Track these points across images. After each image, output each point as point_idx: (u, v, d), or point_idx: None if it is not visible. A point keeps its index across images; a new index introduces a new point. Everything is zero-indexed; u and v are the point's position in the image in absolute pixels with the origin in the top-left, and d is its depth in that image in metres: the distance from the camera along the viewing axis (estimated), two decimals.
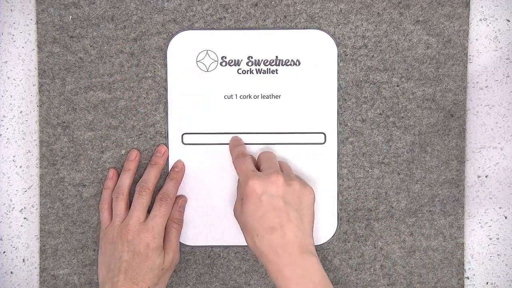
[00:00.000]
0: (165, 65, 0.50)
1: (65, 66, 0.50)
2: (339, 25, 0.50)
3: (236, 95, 0.48)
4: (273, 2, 0.50)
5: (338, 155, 0.50)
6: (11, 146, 0.52)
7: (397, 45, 0.50)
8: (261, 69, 0.47)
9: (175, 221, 0.49)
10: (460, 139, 0.51)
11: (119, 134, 0.51)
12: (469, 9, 0.50)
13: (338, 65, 0.48)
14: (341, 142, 0.51)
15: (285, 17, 0.50)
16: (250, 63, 0.47)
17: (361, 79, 0.51)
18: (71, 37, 0.50)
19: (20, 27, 0.51)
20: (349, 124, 0.51)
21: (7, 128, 0.52)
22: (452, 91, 0.51)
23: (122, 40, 0.50)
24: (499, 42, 0.51)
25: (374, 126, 0.51)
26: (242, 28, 0.49)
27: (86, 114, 0.51)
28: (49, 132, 0.51)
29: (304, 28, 0.47)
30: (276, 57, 0.46)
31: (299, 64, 0.47)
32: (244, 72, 0.47)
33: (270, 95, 0.47)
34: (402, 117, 0.51)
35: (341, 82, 0.50)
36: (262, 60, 0.47)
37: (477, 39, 0.51)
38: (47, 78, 0.50)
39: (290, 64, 0.47)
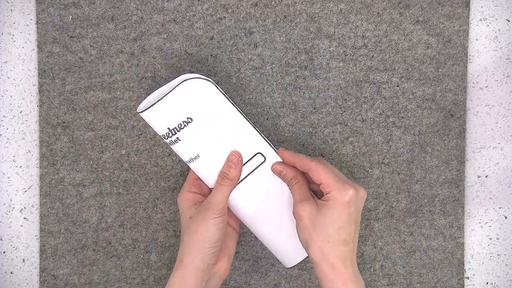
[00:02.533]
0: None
1: (65, 66, 0.50)
2: (339, 25, 0.50)
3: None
4: (273, 2, 0.50)
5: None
6: (11, 146, 0.52)
7: (397, 45, 0.50)
8: (170, 140, 0.45)
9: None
10: (460, 139, 0.51)
11: (119, 134, 0.51)
12: (469, 9, 0.50)
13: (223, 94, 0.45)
14: (341, 142, 0.51)
15: (285, 17, 0.50)
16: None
17: (361, 79, 0.51)
18: (71, 37, 0.50)
19: (20, 27, 0.51)
20: (349, 124, 0.51)
21: (7, 128, 0.52)
22: (452, 91, 0.51)
23: (122, 40, 0.50)
24: (499, 42, 0.51)
25: (374, 126, 0.51)
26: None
27: (86, 114, 0.51)
28: (49, 132, 0.51)
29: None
30: (168, 128, 0.45)
31: (192, 121, 0.44)
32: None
33: (191, 159, 0.46)
34: (402, 117, 0.51)
35: (340, 82, 0.50)
36: (161, 135, 0.45)
37: (477, 39, 0.51)
38: (47, 78, 0.50)
39: (185, 125, 0.44)
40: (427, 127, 0.51)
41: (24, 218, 0.52)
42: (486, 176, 0.52)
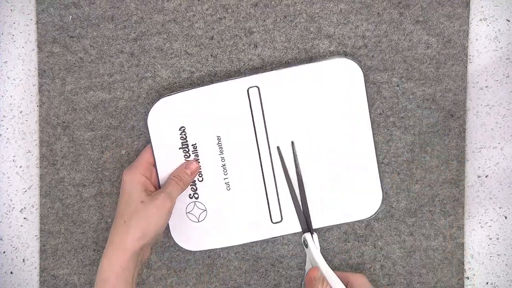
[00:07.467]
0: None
1: (65, 66, 0.50)
2: (339, 25, 0.50)
3: None
4: (273, 2, 0.50)
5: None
6: (11, 146, 0.52)
7: (397, 45, 0.50)
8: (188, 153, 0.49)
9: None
10: (460, 139, 0.51)
11: (119, 134, 0.51)
12: (469, 9, 0.50)
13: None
14: None
15: (285, 17, 0.50)
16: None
17: None
18: (71, 37, 0.50)
19: (20, 27, 0.51)
20: None
21: (7, 128, 0.52)
22: (452, 91, 0.51)
23: (122, 40, 0.50)
24: (499, 42, 0.51)
25: (374, 126, 0.51)
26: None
27: (86, 114, 0.51)
28: (49, 132, 0.51)
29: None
30: (181, 144, 0.49)
31: (185, 128, 0.49)
32: None
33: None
34: (402, 117, 0.51)
35: None
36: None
37: (477, 39, 0.51)
38: (47, 78, 0.50)
39: (185, 133, 0.49)
40: (427, 127, 0.51)
41: (24, 218, 0.52)
42: (486, 176, 0.52)
